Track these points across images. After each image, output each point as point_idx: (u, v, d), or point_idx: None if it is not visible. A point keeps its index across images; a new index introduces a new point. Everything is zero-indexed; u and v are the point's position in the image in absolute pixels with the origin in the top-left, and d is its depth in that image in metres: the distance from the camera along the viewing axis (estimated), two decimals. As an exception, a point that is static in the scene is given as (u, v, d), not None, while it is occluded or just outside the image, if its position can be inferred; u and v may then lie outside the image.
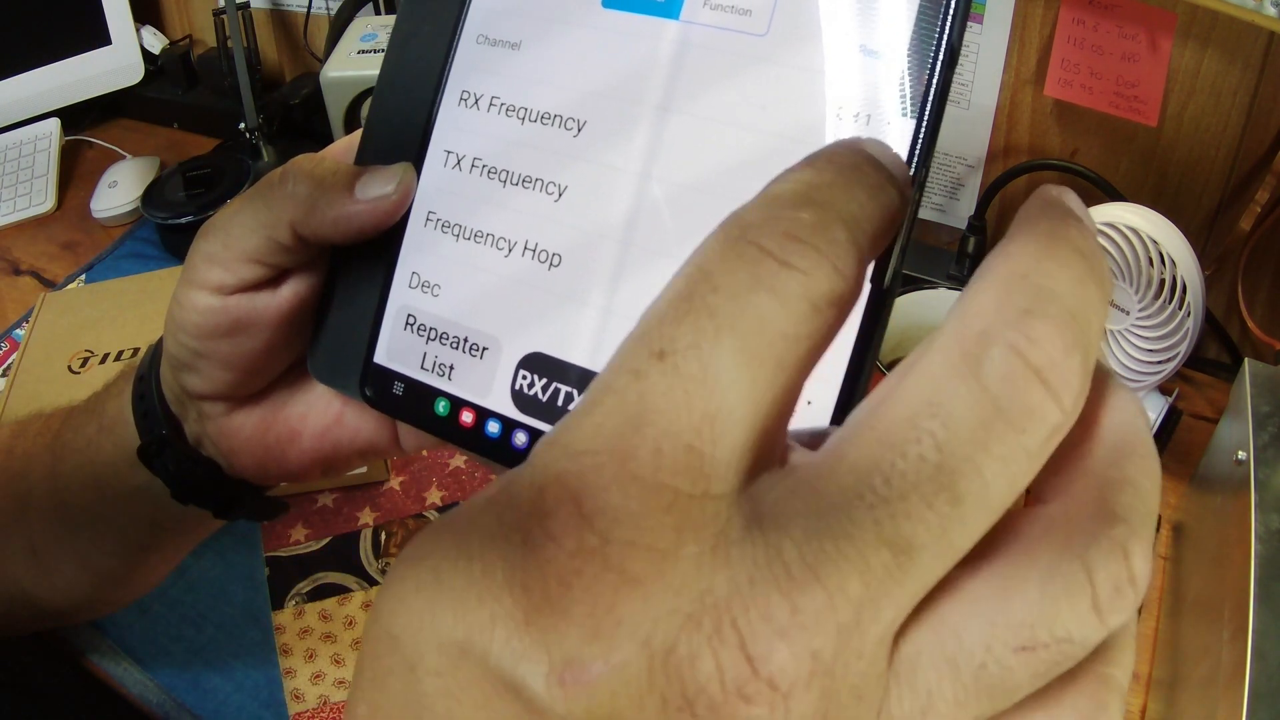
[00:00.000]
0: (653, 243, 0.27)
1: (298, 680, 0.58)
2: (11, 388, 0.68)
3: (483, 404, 0.29)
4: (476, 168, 0.29)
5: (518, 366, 0.28)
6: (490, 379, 0.29)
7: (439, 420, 0.30)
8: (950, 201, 0.84)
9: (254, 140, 0.94)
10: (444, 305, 0.29)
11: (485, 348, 0.29)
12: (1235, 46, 0.66)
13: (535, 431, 0.28)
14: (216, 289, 0.31)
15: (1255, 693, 0.41)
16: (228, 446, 0.35)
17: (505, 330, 0.28)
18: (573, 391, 0.28)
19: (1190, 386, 0.75)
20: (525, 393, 0.28)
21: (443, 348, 0.29)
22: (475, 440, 0.29)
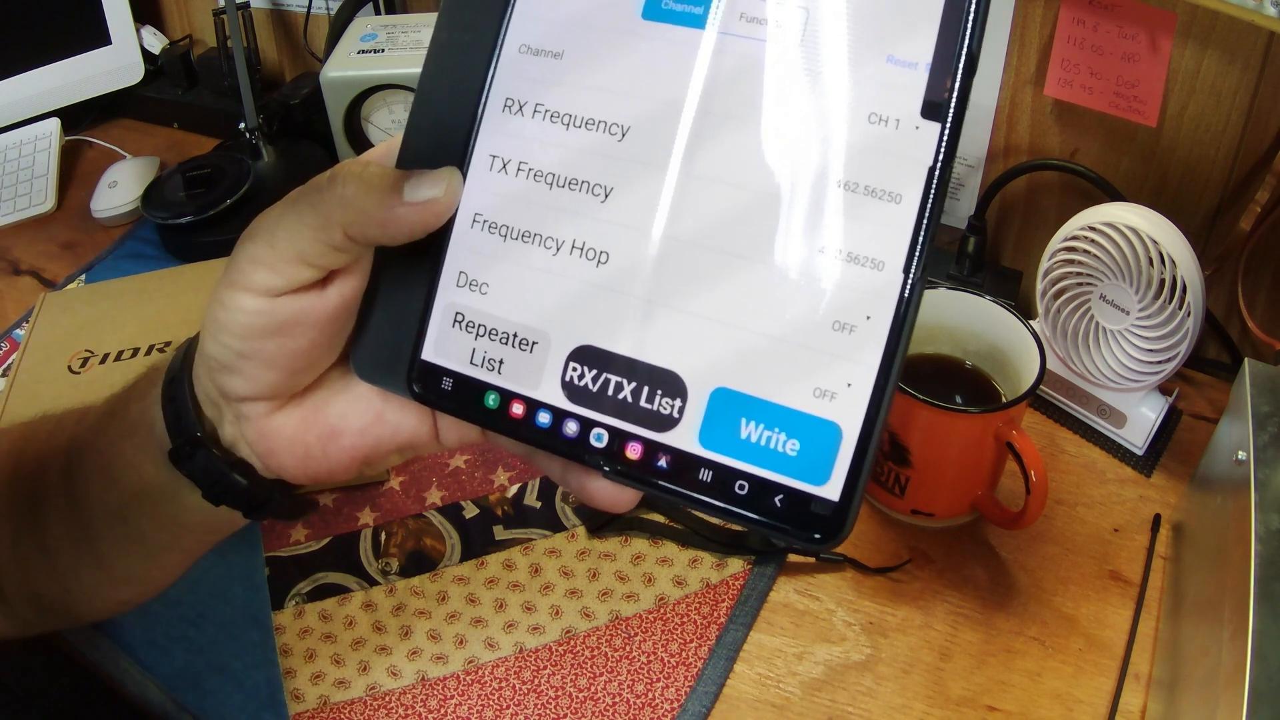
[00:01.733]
0: (695, 237, 0.29)
1: (298, 680, 0.58)
2: (11, 388, 0.68)
3: (534, 395, 0.30)
4: (523, 171, 0.31)
5: (568, 359, 0.30)
6: (540, 372, 0.30)
7: (489, 413, 0.31)
8: (950, 201, 0.84)
9: (254, 140, 0.94)
10: (492, 303, 0.31)
11: (535, 342, 0.30)
12: (1235, 46, 0.66)
13: (585, 420, 0.30)
14: (264, 291, 0.31)
15: (1255, 693, 0.41)
16: (267, 447, 0.35)
17: (554, 325, 0.30)
18: (621, 381, 0.29)
19: (1190, 386, 0.75)
20: (575, 384, 0.30)
21: (492, 343, 0.31)
22: (526, 430, 0.31)
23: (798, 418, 0.28)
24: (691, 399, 0.29)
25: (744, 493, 0.28)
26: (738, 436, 0.28)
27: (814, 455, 0.28)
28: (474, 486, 0.69)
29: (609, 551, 0.65)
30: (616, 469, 0.30)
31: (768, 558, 0.64)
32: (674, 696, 0.57)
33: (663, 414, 0.29)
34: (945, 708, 0.56)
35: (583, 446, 0.30)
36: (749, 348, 0.28)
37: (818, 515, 0.28)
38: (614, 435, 0.29)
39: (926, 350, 0.68)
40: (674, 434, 0.29)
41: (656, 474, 0.29)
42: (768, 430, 0.28)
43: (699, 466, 0.29)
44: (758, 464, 0.28)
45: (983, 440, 0.60)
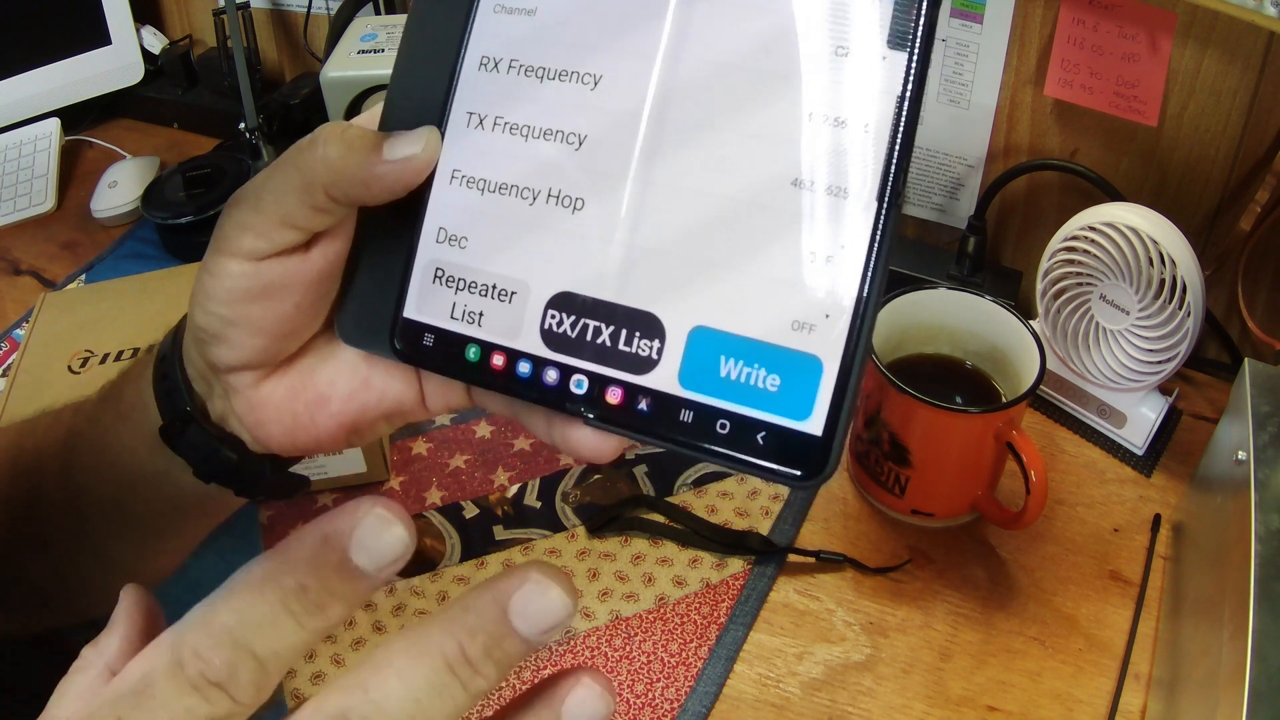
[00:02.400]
0: (670, 179, 0.29)
1: (298, 680, 0.58)
2: (11, 388, 0.68)
3: (513, 346, 0.30)
4: (499, 126, 0.31)
5: (546, 307, 0.30)
6: (520, 322, 0.30)
7: (470, 366, 0.31)
8: (950, 201, 0.84)
9: (254, 140, 0.94)
10: (472, 256, 0.31)
11: (514, 292, 0.30)
12: (1235, 46, 0.66)
13: (565, 367, 0.30)
14: (249, 255, 0.31)
15: (1255, 693, 0.41)
16: (255, 419, 0.35)
17: (532, 274, 0.30)
18: (600, 326, 0.29)
19: (1190, 386, 0.75)
20: (555, 331, 0.30)
21: (472, 296, 0.31)
22: (507, 381, 0.31)
23: (777, 352, 0.28)
24: (670, 339, 0.29)
25: (725, 432, 0.28)
26: (717, 375, 0.28)
27: (795, 390, 0.27)
28: (474, 486, 0.69)
29: (609, 551, 0.65)
30: (598, 415, 0.30)
31: (768, 558, 0.64)
32: (674, 696, 0.57)
33: (641, 356, 0.29)
34: (945, 708, 0.56)
35: (564, 394, 0.30)
36: (725, 285, 0.28)
37: (801, 452, 0.27)
38: (594, 381, 0.29)
39: (926, 350, 0.68)
40: (653, 376, 0.29)
41: (638, 418, 0.29)
42: (747, 367, 0.28)
43: (680, 408, 0.29)
44: (739, 402, 0.28)
45: (983, 440, 0.60)
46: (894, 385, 0.60)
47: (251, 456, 0.36)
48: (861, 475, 0.68)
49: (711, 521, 0.66)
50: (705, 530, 0.65)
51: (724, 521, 0.66)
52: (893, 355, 0.67)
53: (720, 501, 0.68)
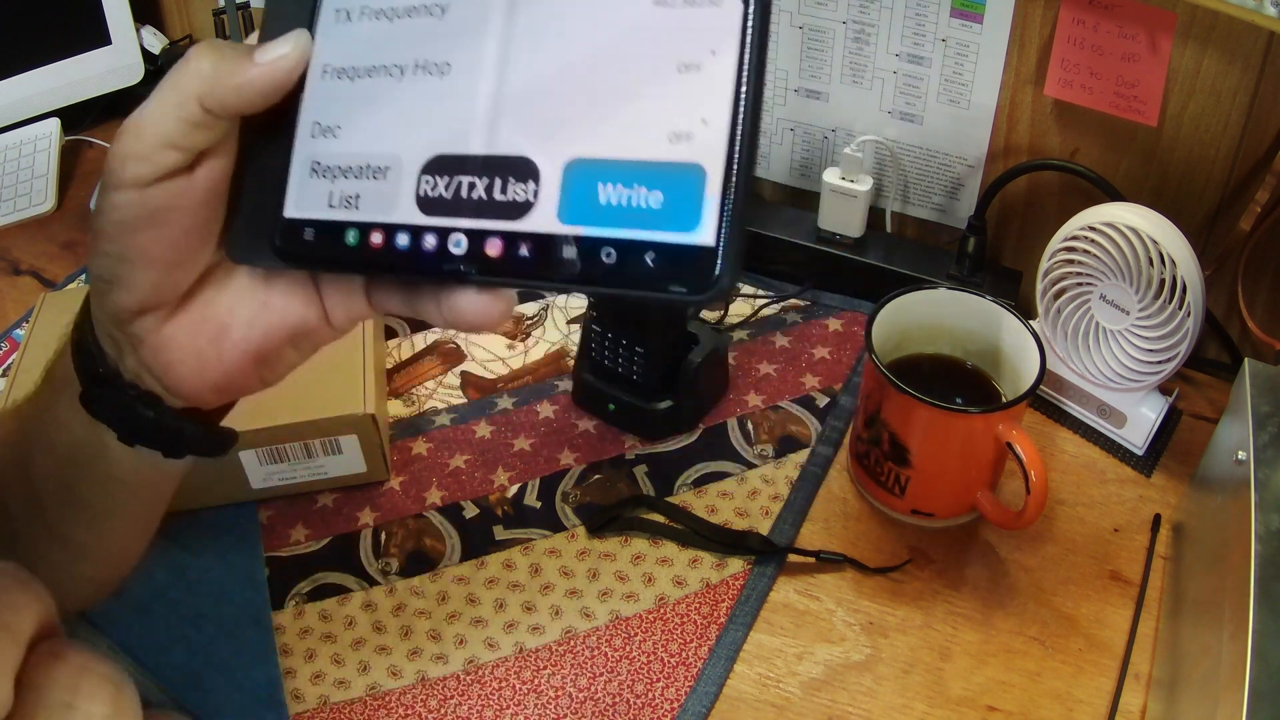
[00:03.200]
0: (531, 25, 0.29)
1: (298, 680, 0.58)
2: (11, 388, 0.68)
3: (390, 220, 0.30)
4: (365, 14, 0.32)
5: (420, 174, 0.30)
6: (395, 195, 0.30)
7: (351, 252, 0.31)
8: (950, 201, 0.84)
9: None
10: (345, 143, 0.31)
11: (387, 167, 0.30)
12: (1235, 46, 0.66)
13: (442, 230, 0.29)
14: (134, 183, 0.32)
15: (1255, 693, 0.41)
16: (163, 364, 0.35)
17: (404, 145, 0.30)
18: (474, 180, 0.29)
19: (1190, 386, 0.75)
20: (429, 196, 0.30)
21: (347, 181, 0.31)
22: (388, 258, 0.30)
23: (656, 168, 0.27)
24: (545, 178, 0.28)
25: (613, 260, 0.27)
26: (597, 204, 0.27)
27: (680, 202, 0.26)
28: (474, 486, 0.69)
29: (609, 551, 0.65)
30: (480, 270, 0.29)
31: (768, 558, 0.64)
32: (674, 696, 0.57)
33: (518, 201, 0.28)
34: (945, 708, 0.56)
35: (443, 257, 0.29)
36: (596, 114, 0.28)
37: (694, 266, 0.26)
38: (472, 236, 0.29)
39: (926, 350, 0.68)
40: (531, 218, 0.28)
41: (520, 265, 0.28)
42: (627, 189, 0.27)
43: (562, 245, 0.27)
44: (623, 226, 0.27)
45: (983, 440, 0.60)
46: (894, 385, 0.60)
47: (169, 412, 0.37)
48: (861, 475, 0.68)
49: (711, 521, 0.66)
50: (705, 530, 0.65)
51: (724, 521, 0.66)
52: (893, 355, 0.67)
53: (720, 501, 0.68)
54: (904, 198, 0.86)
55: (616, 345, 0.70)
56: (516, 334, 0.81)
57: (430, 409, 0.75)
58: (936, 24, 0.76)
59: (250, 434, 0.64)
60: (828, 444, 0.71)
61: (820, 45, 0.81)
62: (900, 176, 0.85)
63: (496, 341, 0.80)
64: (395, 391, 0.76)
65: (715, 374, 0.74)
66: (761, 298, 0.84)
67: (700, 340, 0.71)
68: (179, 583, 0.64)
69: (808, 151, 0.88)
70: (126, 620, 0.61)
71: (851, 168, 0.81)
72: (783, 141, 0.88)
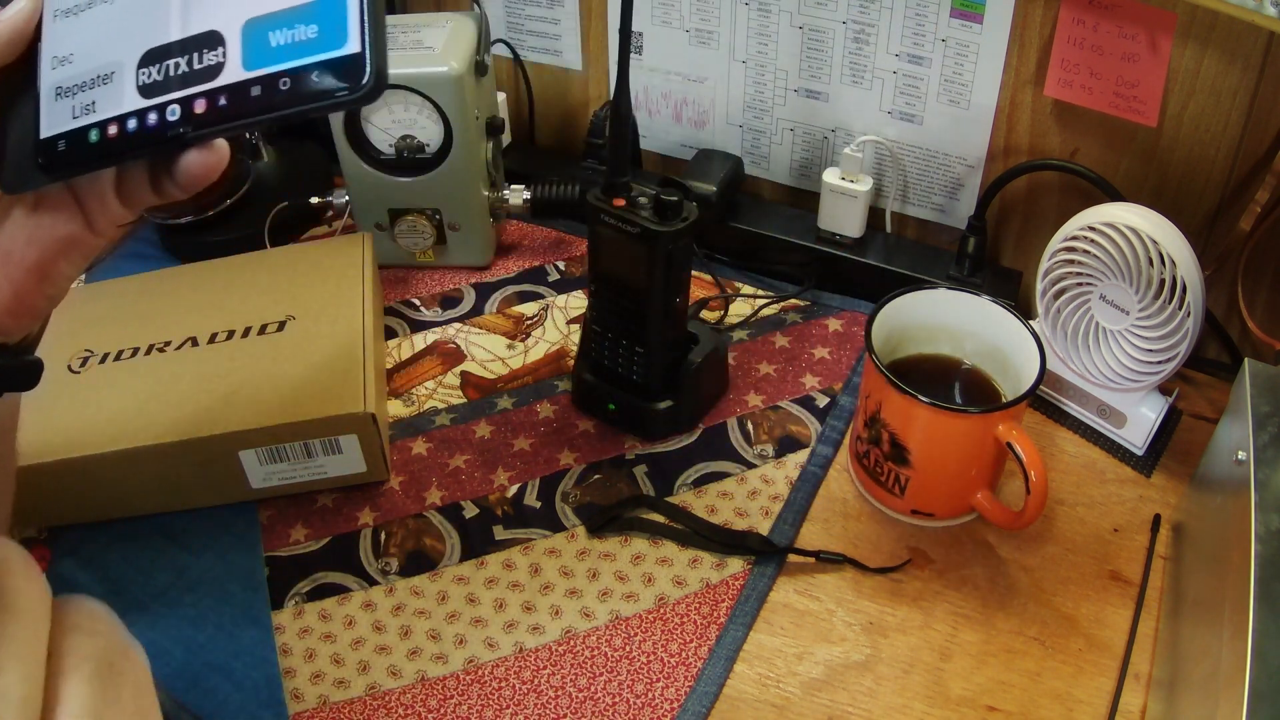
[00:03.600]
0: None
1: (297, 680, 0.58)
2: (11, 388, 0.68)
3: (120, 111, 0.37)
4: None
5: (137, 68, 0.37)
6: (121, 91, 0.37)
7: (96, 149, 0.37)
8: (950, 201, 0.84)
9: (254, 140, 0.94)
10: (78, 65, 0.38)
11: (111, 72, 0.37)
12: (1235, 46, 0.66)
13: (160, 106, 0.36)
14: None
15: (1255, 693, 0.41)
16: None
17: (122, 52, 0.37)
18: (178, 61, 0.36)
19: (1190, 386, 0.75)
20: (147, 82, 0.37)
21: (83, 93, 0.38)
22: (123, 143, 0.37)
23: (308, 8, 0.35)
24: (229, 41, 0.36)
25: (289, 87, 0.35)
26: (270, 48, 0.35)
27: (330, 28, 0.34)
28: (474, 486, 0.69)
29: (609, 551, 0.65)
30: (194, 126, 0.36)
31: (768, 558, 0.64)
32: (674, 696, 0.57)
33: (212, 65, 0.36)
34: (945, 708, 0.56)
35: (165, 126, 0.36)
36: None
37: (350, 71, 0.34)
38: (182, 103, 0.36)
39: (926, 350, 0.68)
40: (225, 74, 0.36)
41: (223, 111, 0.36)
42: (290, 31, 0.35)
43: (249, 87, 0.35)
44: (292, 59, 0.35)
45: (983, 440, 0.60)
46: (894, 385, 0.60)
47: None
48: (861, 475, 0.68)
49: (711, 521, 0.66)
50: (705, 530, 0.65)
51: (724, 521, 0.66)
52: (893, 355, 0.67)
53: (720, 501, 0.68)
54: (904, 198, 0.86)
55: (616, 345, 0.70)
56: (516, 334, 0.81)
57: (430, 409, 0.75)
58: (936, 24, 0.76)
59: (250, 434, 0.64)
60: (828, 444, 0.71)
61: (820, 45, 0.81)
62: (900, 176, 0.85)
63: (496, 341, 0.80)
64: (395, 391, 0.76)
65: (715, 374, 0.74)
66: (761, 298, 0.84)
67: (700, 340, 0.71)
68: (179, 583, 0.64)
69: (808, 151, 0.88)
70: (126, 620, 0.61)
71: (851, 168, 0.81)
72: (783, 141, 0.88)
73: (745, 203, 0.89)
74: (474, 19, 0.81)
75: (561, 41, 0.93)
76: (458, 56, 0.77)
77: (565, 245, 0.90)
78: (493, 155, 0.84)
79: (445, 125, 0.79)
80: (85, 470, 0.63)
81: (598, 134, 0.88)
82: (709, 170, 0.86)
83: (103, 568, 0.64)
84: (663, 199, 0.63)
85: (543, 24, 0.93)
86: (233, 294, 0.74)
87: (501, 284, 0.86)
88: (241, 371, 0.67)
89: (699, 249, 0.86)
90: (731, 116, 0.89)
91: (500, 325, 0.82)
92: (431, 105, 0.78)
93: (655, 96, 0.92)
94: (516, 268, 0.88)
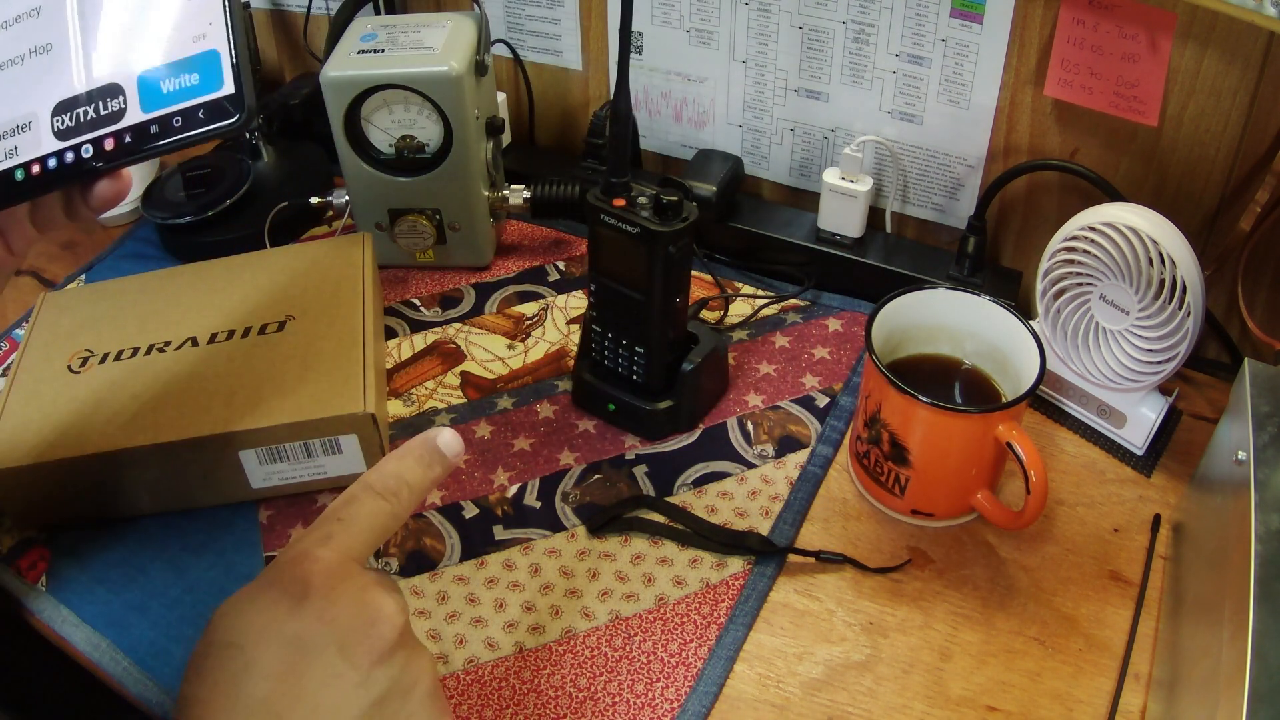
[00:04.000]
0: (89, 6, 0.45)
1: (297, 680, 0.58)
2: (11, 388, 0.68)
3: (40, 153, 0.45)
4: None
5: (51, 117, 0.45)
6: (39, 137, 0.45)
7: (23, 185, 0.45)
8: (950, 201, 0.84)
9: (254, 140, 0.94)
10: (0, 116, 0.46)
11: (29, 122, 0.45)
12: (1235, 46, 0.66)
13: (75, 146, 0.45)
14: None
15: (1255, 693, 0.41)
16: None
17: (37, 104, 0.45)
18: (86, 109, 0.45)
19: (1190, 386, 0.75)
20: (60, 128, 0.45)
21: (5, 140, 0.45)
22: (46, 178, 0.45)
23: (191, 60, 0.44)
24: (128, 91, 0.44)
25: (181, 124, 0.44)
26: (162, 93, 0.44)
27: (209, 75, 0.43)
28: (474, 486, 0.69)
29: (609, 551, 0.65)
30: (105, 161, 0.44)
31: (768, 558, 0.64)
32: (674, 696, 0.57)
33: (116, 110, 0.44)
34: (945, 708, 0.56)
35: (80, 162, 0.44)
36: (146, 40, 0.44)
37: (229, 108, 0.43)
38: (94, 143, 0.44)
39: (926, 350, 0.68)
40: (128, 118, 0.44)
41: (128, 148, 0.44)
42: (176, 78, 0.44)
43: (149, 126, 0.44)
44: (182, 101, 0.44)
45: (983, 440, 0.60)
46: (894, 385, 0.60)
47: None
48: (861, 475, 0.68)
49: (711, 521, 0.66)
50: (705, 530, 0.65)
51: (724, 521, 0.66)
52: (893, 355, 0.67)
53: (720, 501, 0.68)
54: (904, 198, 0.86)
55: (616, 345, 0.70)
56: (516, 334, 0.81)
57: (430, 409, 0.75)
58: (936, 24, 0.76)
59: (250, 434, 0.64)
60: (828, 444, 0.71)
61: (820, 45, 0.81)
62: (900, 176, 0.85)
63: (496, 341, 0.80)
64: (395, 391, 0.76)
65: (715, 374, 0.74)
66: (761, 298, 0.84)
67: (700, 340, 0.71)
68: (179, 582, 0.64)
69: (807, 151, 0.88)
70: (126, 620, 0.61)
71: (851, 168, 0.81)
72: (782, 141, 0.88)
73: (745, 203, 0.89)
74: (474, 19, 0.81)
75: (561, 41, 0.93)
76: (458, 56, 0.77)
77: (565, 245, 0.90)
78: (493, 155, 0.84)
79: (445, 125, 0.79)
80: (85, 470, 0.63)
81: (598, 134, 0.88)
82: (709, 170, 0.86)
83: (103, 568, 0.64)
84: (663, 199, 0.63)
85: (543, 24, 0.93)
86: (233, 294, 0.75)
87: (501, 284, 0.86)
88: (241, 371, 0.67)
89: (699, 249, 0.86)
90: (731, 116, 0.89)
91: (500, 325, 0.82)
92: (431, 105, 0.78)
93: (655, 96, 0.92)
94: (516, 268, 0.88)
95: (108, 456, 0.63)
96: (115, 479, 0.65)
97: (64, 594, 0.63)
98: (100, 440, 0.63)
